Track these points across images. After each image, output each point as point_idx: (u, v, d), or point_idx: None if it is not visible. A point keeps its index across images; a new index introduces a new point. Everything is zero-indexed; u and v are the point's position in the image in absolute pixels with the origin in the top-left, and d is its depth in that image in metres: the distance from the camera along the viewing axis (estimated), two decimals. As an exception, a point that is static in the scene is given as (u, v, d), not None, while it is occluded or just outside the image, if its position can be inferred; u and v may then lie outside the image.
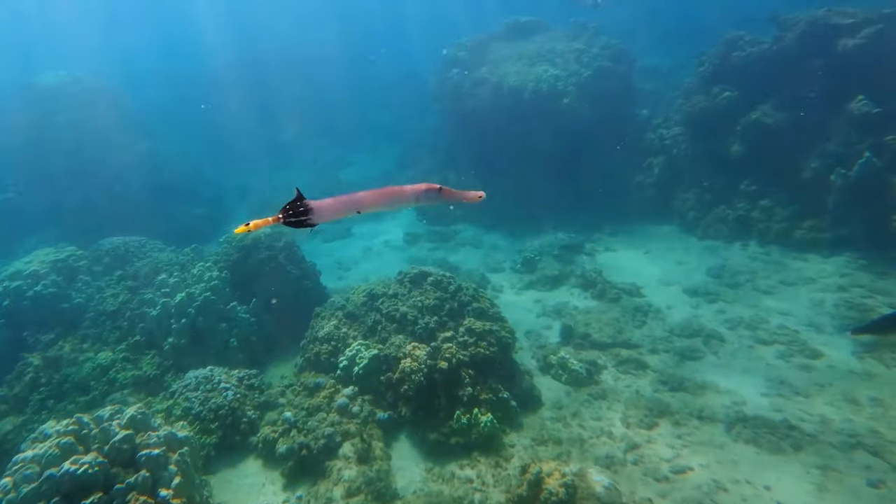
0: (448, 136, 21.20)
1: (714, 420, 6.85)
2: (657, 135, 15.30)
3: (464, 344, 8.44)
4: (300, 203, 2.70)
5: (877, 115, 11.13)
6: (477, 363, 8.21)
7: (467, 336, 8.56)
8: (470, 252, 15.63)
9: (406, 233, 17.62)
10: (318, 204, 2.72)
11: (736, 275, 10.45)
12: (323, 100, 37.33)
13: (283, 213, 2.69)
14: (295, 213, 2.68)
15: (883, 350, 7.54)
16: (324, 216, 2.75)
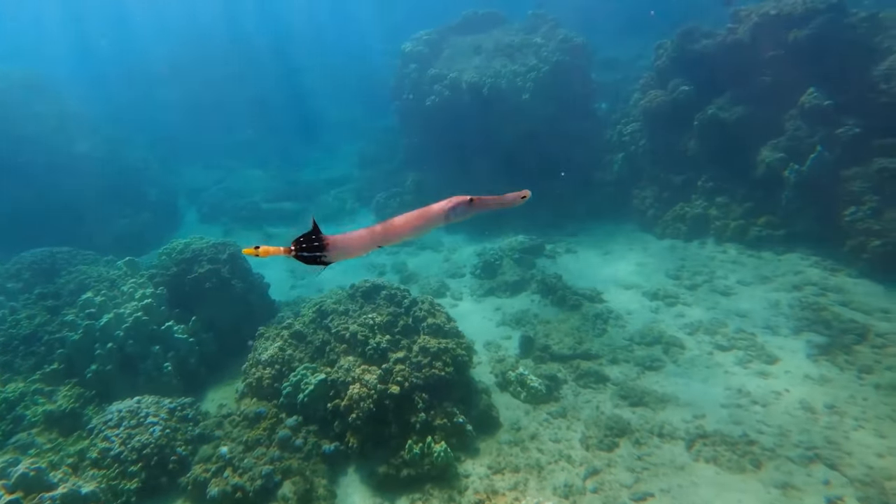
0: (408, 134, 20.65)
1: (675, 437, 6.63)
2: (616, 131, 15.12)
3: (417, 365, 8.02)
4: (315, 237, 2.37)
5: (827, 108, 11.13)
6: (431, 385, 7.81)
7: (421, 356, 8.14)
8: (430, 256, 15.20)
9: (334, 232, 17.05)
10: (336, 240, 2.39)
11: (694, 275, 10.33)
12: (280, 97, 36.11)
13: (296, 245, 2.37)
14: (309, 247, 2.36)
15: (836, 352, 7.48)
16: (340, 254, 2.42)
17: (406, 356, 8.19)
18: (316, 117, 34.14)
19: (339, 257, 2.40)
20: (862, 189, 9.99)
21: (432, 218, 2.47)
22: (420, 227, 2.47)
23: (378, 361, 8.16)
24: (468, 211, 2.47)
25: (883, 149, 10.24)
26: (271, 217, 20.43)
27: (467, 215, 2.49)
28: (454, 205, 2.47)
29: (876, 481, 5.42)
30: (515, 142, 16.59)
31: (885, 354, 7.23)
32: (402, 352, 8.29)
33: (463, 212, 2.47)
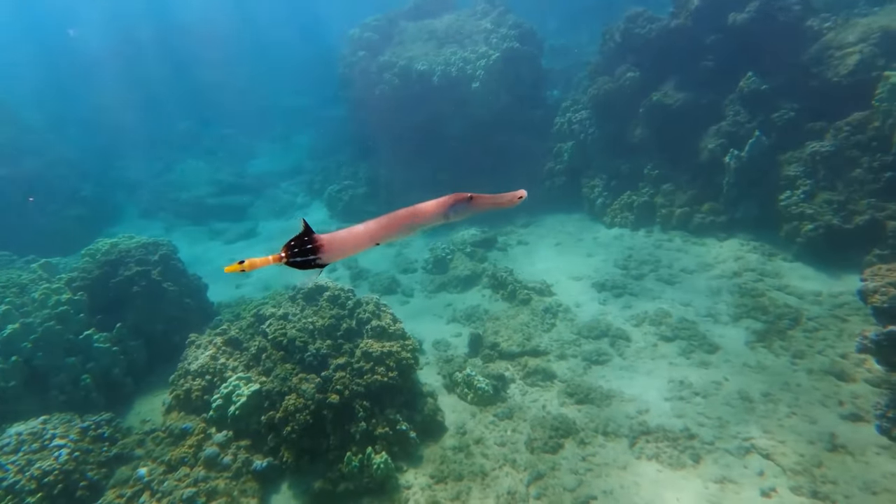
0: (359, 124, 20.03)
1: (619, 435, 6.59)
2: (566, 119, 15.02)
3: (359, 371, 7.72)
4: (308, 239, 2.26)
5: (765, 92, 11.29)
6: (373, 392, 7.54)
7: (363, 362, 7.84)
8: (382, 251, 14.78)
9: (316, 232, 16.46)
10: (330, 239, 2.29)
11: (641, 265, 10.38)
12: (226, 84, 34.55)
13: (287, 250, 2.25)
14: (301, 251, 2.25)
15: (772, 338, 7.62)
16: (336, 253, 2.32)
17: (348, 362, 7.88)
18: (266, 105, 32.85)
19: (335, 258, 2.29)
20: (796, 173, 10.19)
21: (430, 215, 2.38)
22: (417, 225, 2.38)
23: (317, 369, 7.82)
24: (467, 209, 2.38)
25: (814, 132, 10.47)
26: (217, 212, 19.52)
27: (466, 214, 2.39)
28: (454, 202, 2.37)
29: (807, 469, 5.51)
30: (467, 131, 16.30)
31: (816, 339, 7.40)
32: (344, 357, 7.97)
33: (462, 209, 2.38)
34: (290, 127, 29.95)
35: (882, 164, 9.17)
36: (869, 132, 9.54)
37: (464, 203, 2.37)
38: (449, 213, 2.38)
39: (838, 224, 8.99)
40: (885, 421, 5.32)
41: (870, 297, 5.83)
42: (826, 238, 9.03)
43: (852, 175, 9.50)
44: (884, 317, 5.68)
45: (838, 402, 6.26)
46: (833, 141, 9.98)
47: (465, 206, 2.38)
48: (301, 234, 2.26)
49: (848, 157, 9.71)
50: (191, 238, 17.68)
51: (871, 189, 9.13)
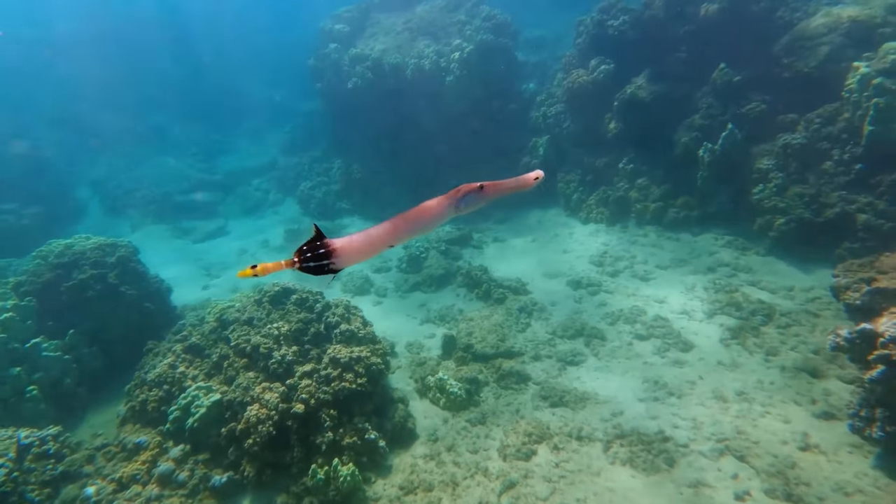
0: (333, 118, 19.56)
1: (593, 439, 6.43)
2: (541, 113, 14.81)
3: (326, 378, 7.42)
4: (320, 244, 2.22)
5: (737, 84, 11.23)
6: (341, 400, 7.25)
7: (331, 368, 7.55)
8: (356, 249, 14.43)
9: (287, 230, 16.06)
10: (344, 244, 2.25)
11: (616, 261, 10.25)
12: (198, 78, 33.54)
13: (299, 255, 2.21)
14: (314, 256, 2.20)
15: (746, 335, 7.54)
16: (350, 258, 2.27)
17: (314, 369, 7.57)
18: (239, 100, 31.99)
19: (349, 262, 2.24)
20: (769, 166, 10.15)
21: (441, 210, 2.31)
22: (429, 222, 2.32)
23: (282, 377, 7.50)
24: (479, 199, 2.31)
25: (786, 124, 10.44)
26: (186, 209, 18.89)
27: (479, 204, 2.32)
28: (463, 194, 2.29)
29: (781, 471, 5.41)
30: (443, 125, 16.00)
31: (789, 335, 7.34)
32: (311, 364, 7.66)
33: (474, 200, 2.30)
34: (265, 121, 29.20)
35: (852, 157, 9.16)
36: (839, 124, 9.52)
37: (474, 193, 2.29)
38: (460, 205, 2.30)
39: (810, 217, 8.96)
40: (858, 420, 5.25)
41: (842, 293, 5.74)
42: (798, 232, 9.00)
43: (823, 167, 9.48)
44: (856, 314, 5.60)
45: (811, 399, 6.19)
46: (804, 133, 9.95)
47: (475, 196, 2.30)
48: (313, 238, 2.22)
49: (819, 149, 9.69)
50: (157, 237, 17.07)
51: (842, 181, 9.11)
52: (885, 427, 5.04)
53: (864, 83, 8.83)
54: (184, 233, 17.26)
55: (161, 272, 12.03)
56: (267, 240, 15.94)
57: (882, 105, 8.52)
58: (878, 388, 5.11)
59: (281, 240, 15.79)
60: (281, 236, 15.90)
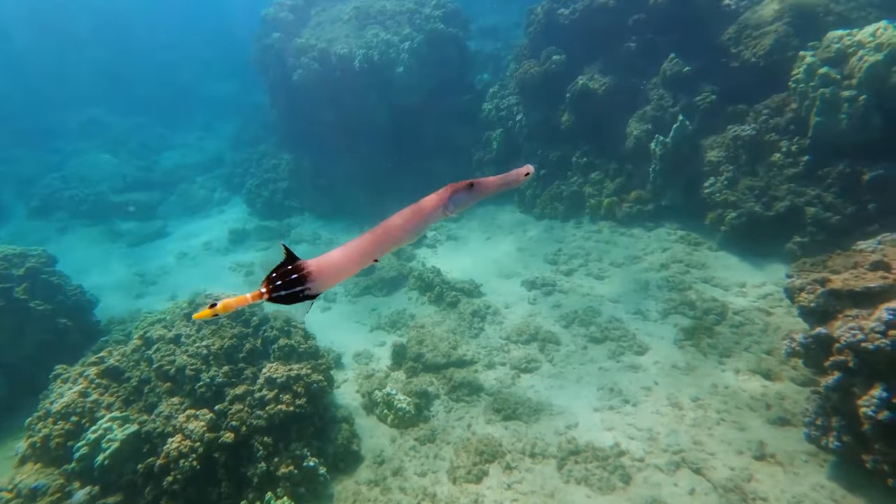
0: (280, 112, 18.50)
1: (546, 456, 6.03)
2: (494, 105, 14.30)
3: (261, 402, 6.74)
4: (292, 268, 1.90)
5: (688, 74, 10.99)
6: (277, 425, 6.60)
7: (266, 390, 6.87)
8: (306, 250, 13.67)
9: (231, 230, 15.07)
10: (320, 265, 1.92)
11: (571, 259, 9.90)
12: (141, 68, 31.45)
13: (268, 284, 1.89)
14: (286, 283, 1.88)
15: (700, 335, 7.29)
16: (328, 280, 1.94)
17: (248, 391, 6.88)
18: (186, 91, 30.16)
19: (327, 285, 1.98)
20: (719, 158, 9.97)
21: (428, 214, 2.11)
22: (415, 228, 2.11)
23: (211, 402, 6.78)
24: (469, 198, 2.12)
25: (735, 115, 10.27)
26: (122, 210, 17.51)
27: (468, 204, 2.13)
28: (452, 193, 2.12)
29: (738, 486, 5.14)
30: (394, 119, 15.28)
31: (743, 334, 7.14)
32: (244, 386, 6.96)
33: (463, 200, 2.12)
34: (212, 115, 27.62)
35: (800, 148, 9.03)
36: (787, 115, 9.38)
37: (463, 193, 2.11)
38: (449, 206, 2.12)
39: (760, 211, 8.80)
40: (814, 429, 5.02)
41: (796, 296, 5.49)
42: (749, 226, 8.83)
43: (772, 160, 9.34)
44: (811, 317, 5.36)
45: (766, 405, 5.96)
46: (753, 125, 9.79)
47: (465, 196, 2.12)
48: (283, 261, 1.95)
49: (767, 141, 9.53)
50: (88, 240, 15.72)
51: (791, 174, 8.98)
52: (842, 436, 4.81)
53: (810, 73, 8.67)
54: (118, 236, 15.97)
55: (87, 281, 10.96)
56: (210, 241, 14.91)
57: (828, 96, 8.38)
58: (833, 396, 4.87)
59: (226, 241, 14.80)
60: (225, 237, 14.90)
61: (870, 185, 7.90)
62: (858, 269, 5.24)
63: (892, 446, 4.46)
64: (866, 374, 4.67)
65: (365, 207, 14.49)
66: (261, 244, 14.38)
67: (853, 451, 4.76)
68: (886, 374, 4.57)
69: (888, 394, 4.48)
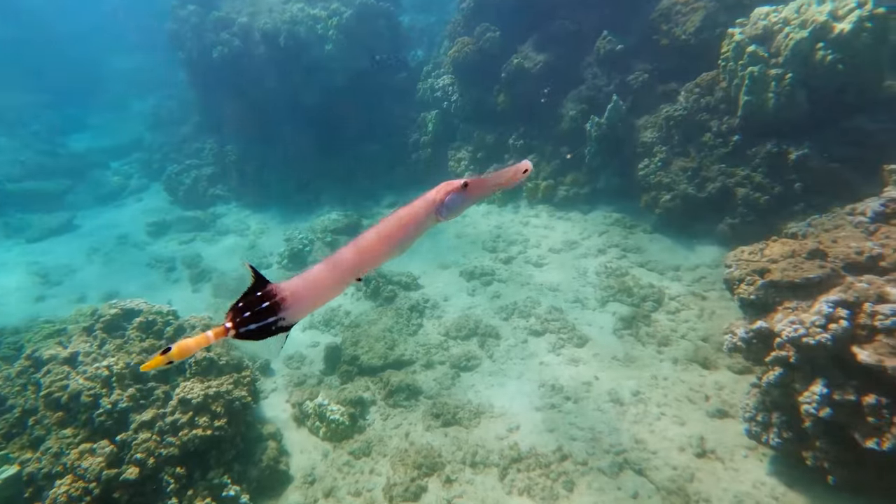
0: (200, 91, 16.65)
1: (488, 464, 5.53)
2: (428, 84, 13.37)
3: (173, 427, 5.81)
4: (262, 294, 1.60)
5: (620, 53, 10.55)
6: (192, 452, 5.71)
7: (180, 412, 5.93)
8: (233, 242, 12.43)
9: (150, 222, 13.47)
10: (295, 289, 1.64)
11: (509, 246, 9.38)
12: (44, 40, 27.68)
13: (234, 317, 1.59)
14: (255, 314, 1.59)
15: (638, 324, 7.00)
16: (306, 305, 1.68)
17: (157, 416, 5.92)
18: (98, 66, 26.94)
19: (305, 312, 1.67)
20: (653, 139, 9.67)
21: (419, 221, 1.81)
22: (404, 239, 1.80)
23: (113, 432, 5.77)
24: (464, 200, 1.82)
25: (666, 95, 9.98)
26: (19, 200, 15.30)
27: (463, 206, 1.84)
28: (445, 195, 1.81)
29: (681, 487, 4.84)
30: (324, 100, 14.02)
31: (679, 321, 6.90)
32: (153, 410, 5.98)
33: (457, 203, 1.82)
34: (126, 94, 24.82)
35: (729, 128, 8.79)
36: (717, 94, 9.10)
37: (458, 194, 1.81)
38: (442, 211, 1.81)
39: (693, 193, 8.58)
40: (755, 425, 4.80)
41: (736, 287, 5.18)
42: (682, 208, 8.61)
43: (703, 140, 9.11)
44: (751, 309, 5.07)
45: (704, 396, 5.72)
46: (685, 104, 9.51)
47: (459, 198, 1.81)
48: (251, 288, 1.61)
49: (698, 120, 9.29)
50: None
51: (721, 154, 8.77)
52: (782, 433, 4.58)
53: (738, 51, 8.37)
54: (16, 230, 13.93)
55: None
56: (126, 234, 13.28)
57: (756, 74, 8.13)
58: (774, 392, 4.62)
59: (143, 234, 13.22)
60: (143, 230, 13.32)
61: (796, 165, 7.80)
62: (796, 259, 4.98)
63: (832, 443, 4.26)
64: (807, 370, 4.42)
65: (295, 195, 13.33)
66: (184, 236, 12.93)
67: (793, 448, 4.55)
68: (826, 368, 4.34)
69: (829, 390, 4.24)
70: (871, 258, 4.80)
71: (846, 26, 7.43)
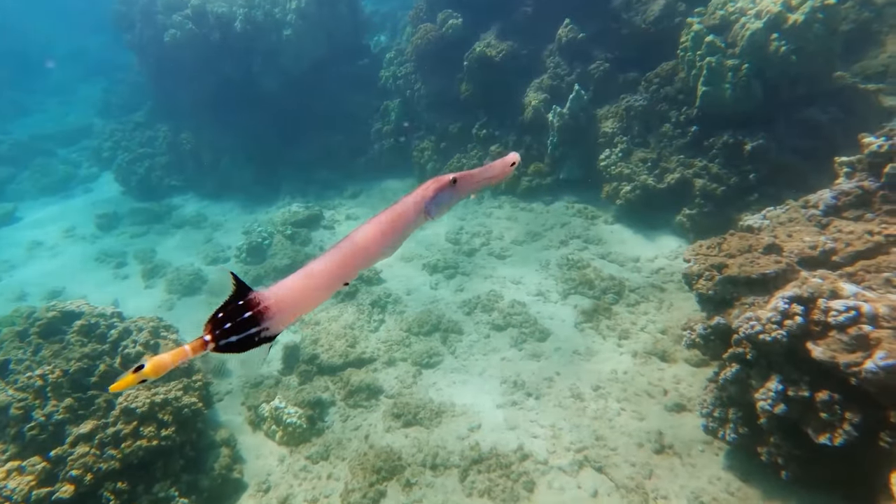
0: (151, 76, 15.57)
1: (448, 466, 5.30)
2: (391, 72, 12.83)
3: (114, 439, 5.35)
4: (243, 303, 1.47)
5: (582, 41, 10.30)
6: (136, 465, 5.28)
7: (123, 423, 5.46)
8: (189, 235, 11.72)
9: (100, 214, 12.60)
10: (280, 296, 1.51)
11: (473, 238, 9.10)
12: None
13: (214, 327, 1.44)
14: (236, 325, 1.45)
15: (599, 316, 6.87)
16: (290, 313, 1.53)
17: (97, 427, 5.44)
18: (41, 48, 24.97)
19: (289, 320, 1.52)
20: (614, 129, 9.51)
21: (408, 220, 1.71)
22: (393, 240, 1.71)
23: (47, 447, 5.27)
24: (452, 197, 1.75)
25: (627, 84, 9.82)
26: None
27: (452, 203, 1.76)
28: (434, 192, 1.72)
29: (639, 484, 4.74)
30: (284, 87, 13.30)
31: (639, 313, 6.81)
32: (92, 422, 5.50)
33: (446, 200, 1.74)
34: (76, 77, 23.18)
35: (688, 118, 8.70)
36: (676, 84, 8.98)
37: (447, 191, 1.73)
38: (431, 209, 1.72)
39: (653, 184, 8.48)
40: (712, 421, 4.72)
41: (694, 282, 5.06)
42: (643, 199, 8.50)
43: (662, 131, 9.01)
44: (709, 305, 4.96)
45: (663, 390, 5.64)
46: (645, 94, 9.37)
47: (448, 194, 1.73)
48: (232, 297, 1.46)
49: (658, 111, 9.17)
50: None
51: (680, 145, 8.69)
52: (738, 428, 4.51)
53: (697, 41, 8.24)
54: (-47, 227, 12.82)
55: None
56: (73, 227, 12.38)
57: (714, 65, 8.02)
58: (731, 388, 4.53)
59: (92, 227, 12.34)
60: (91, 222, 12.43)
61: (751, 156, 7.76)
62: (753, 253, 4.88)
63: (785, 439, 4.20)
64: (763, 366, 4.34)
65: (254, 185, 12.67)
66: (136, 229, 12.13)
67: (748, 442, 4.49)
68: (782, 364, 4.26)
69: (783, 386, 4.17)
70: (825, 252, 4.74)
71: (799, 17, 7.37)
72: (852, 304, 4.05)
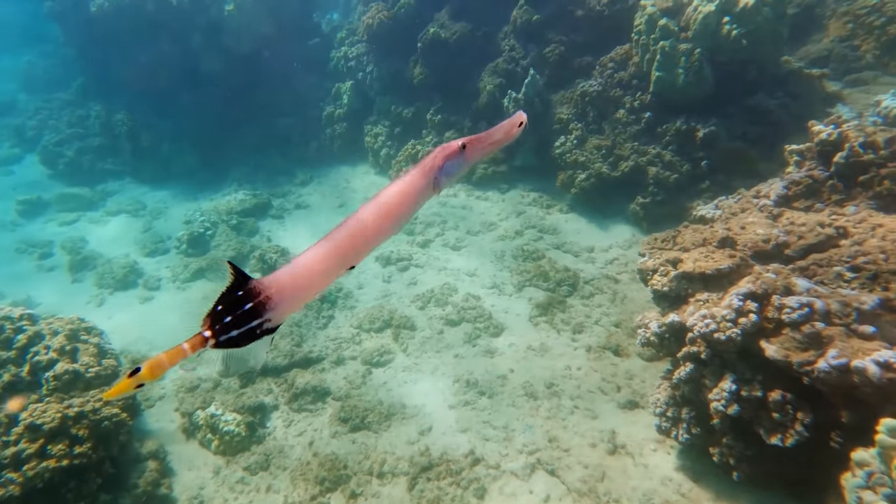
0: (79, 50, 14.03)
1: (396, 473, 4.89)
2: (342, 53, 11.97)
3: (14, 460, 4.61)
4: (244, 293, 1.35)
5: (537, 24, 9.81)
6: (40, 490, 4.58)
7: (28, 442, 4.72)
8: (126, 224, 10.66)
9: (22, 200, 11.29)
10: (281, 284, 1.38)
11: (427, 228, 8.59)
12: None
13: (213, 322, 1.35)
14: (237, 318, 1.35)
15: (553, 310, 6.56)
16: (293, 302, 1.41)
17: (-4, 451, 4.67)
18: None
19: (292, 309, 1.42)
20: (569, 116, 9.14)
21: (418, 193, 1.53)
22: (402, 215, 1.53)
23: (-67, 479, 4.48)
24: (462, 164, 1.58)
25: (582, 69, 9.45)
26: None
27: (462, 171, 1.60)
28: (444, 160, 1.54)
29: (592, 488, 4.48)
30: (229, 67, 12.19)
31: (593, 306, 6.55)
32: (-10, 446, 4.72)
33: (457, 168, 1.56)
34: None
35: (642, 104, 8.41)
36: (630, 69, 8.67)
37: (456, 159, 1.56)
38: (441, 179, 1.55)
39: (607, 172, 8.19)
40: (665, 420, 4.50)
41: (649, 278, 4.78)
42: (597, 187, 8.21)
43: (617, 117, 8.71)
44: (664, 301, 4.69)
45: (616, 386, 5.39)
46: (599, 79, 9.02)
47: (458, 162, 1.56)
48: (230, 287, 1.36)
49: (612, 97, 8.84)
50: None
51: (634, 132, 8.40)
52: (691, 428, 4.30)
53: (650, 24, 7.91)
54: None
55: None
56: (-11, 216, 11.03)
57: (667, 49, 7.72)
58: (685, 387, 4.30)
59: (13, 213, 11.03)
60: (13, 208, 11.11)
61: (703, 142, 7.57)
62: (707, 247, 4.62)
63: (738, 439, 4.01)
64: (717, 364, 4.10)
65: (198, 171, 11.65)
66: (65, 216, 10.92)
67: (701, 442, 4.28)
68: (735, 363, 4.03)
69: (737, 386, 3.95)
70: (777, 246, 4.54)
71: (749, 0, 7.14)
72: (805, 301, 3.84)
